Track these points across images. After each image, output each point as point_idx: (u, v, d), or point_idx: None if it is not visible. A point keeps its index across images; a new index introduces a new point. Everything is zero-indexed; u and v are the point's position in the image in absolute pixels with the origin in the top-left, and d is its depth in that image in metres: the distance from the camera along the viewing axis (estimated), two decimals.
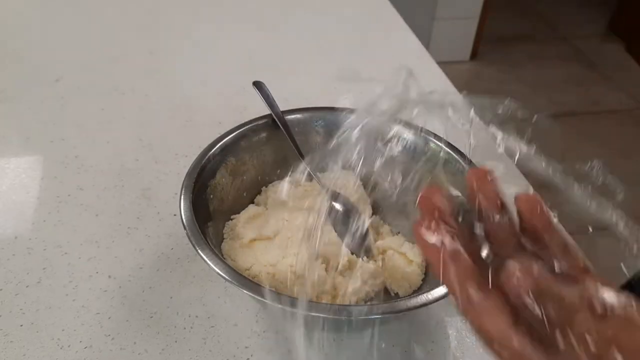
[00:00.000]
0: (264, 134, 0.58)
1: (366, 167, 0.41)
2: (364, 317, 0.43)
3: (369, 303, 0.54)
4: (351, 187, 0.58)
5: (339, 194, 0.56)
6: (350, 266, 0.52)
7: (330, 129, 0.60)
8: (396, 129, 0.46)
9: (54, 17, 0.98)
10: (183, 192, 0.50)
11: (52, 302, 0.54)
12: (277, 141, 0.59)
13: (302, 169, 0.60)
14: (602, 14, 2.85)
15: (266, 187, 0.60)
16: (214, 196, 0.53)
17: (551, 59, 2.55)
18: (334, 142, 0.40)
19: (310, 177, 0.61)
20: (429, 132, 0.57)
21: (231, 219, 0.55)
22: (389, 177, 0.49)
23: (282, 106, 0.61)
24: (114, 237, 0.60)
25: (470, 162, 0.54)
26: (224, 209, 0.55)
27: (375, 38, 0.98)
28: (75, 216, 0.62)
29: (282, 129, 0.58)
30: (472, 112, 0.38)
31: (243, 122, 0.58)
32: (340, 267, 0.52)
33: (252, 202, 0.59)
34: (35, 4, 1.01)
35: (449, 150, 0.55)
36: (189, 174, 0.51)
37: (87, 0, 1.04)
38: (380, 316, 0.44)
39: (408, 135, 0.56)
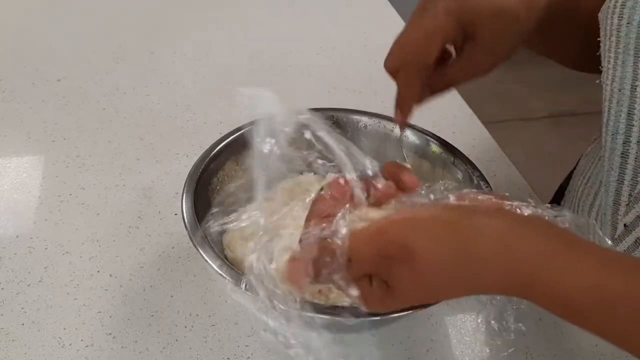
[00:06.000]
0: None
1: None
2: (357, 320, 0.44)
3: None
4: None
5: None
6: None
7: (340, 129, 0.60)
8: None
9: (55, 17, 0.98)
10: (186, 184, 0.50)
11: (54, 300, 0.54)
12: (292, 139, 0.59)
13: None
14: None
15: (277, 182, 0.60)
16: (221, 187, 0.54)
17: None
18: None
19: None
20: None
21: (237, 211, 0.56)
22: None
23: None
24: (115, 236, 0.60)
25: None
26: (231, 200, 0.55)
27: (375, 38, 0.99)
28: (77, 215, 0.63)
29: None
30: None
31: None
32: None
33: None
34: (37, 4, 1.01)
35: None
36: (196, 164, 0.52)
37: (88, 0, 1.04)
38: (376, 318, 0.44)
39: None
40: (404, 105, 0.50)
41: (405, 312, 0.43)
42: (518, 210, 0.37)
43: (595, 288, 0.32)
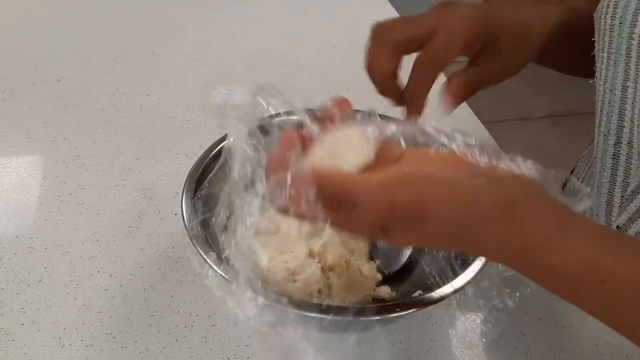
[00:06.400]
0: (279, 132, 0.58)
1: None
2: (358, 319, 0.44)
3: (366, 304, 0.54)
4: None
5: None
6: (347, 267, 0.53)
7: None
8: None
9: (55, 17, 0.98)
10: (186, 184, 0.50)
11: (53, 300, 0.54)
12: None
13: None
14: None
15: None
16: (221, 187, 0.54)
17: None
18: None
19: None
20: None
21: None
22: None
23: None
24: (115, 236, 0.61)
25: None
26: (231, 199, 0.55)
27: None
28: (77, 215, 0.63)
29: None
30: None
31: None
32: (337, 267, 0.52)
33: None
34: (37, 4, 1.01)
35: None
36: (196, 164, 0.52)
37: (88, 0, 1.04)
38: (376, 318, 0.44)
39: None
40: (415, 101, 0.49)
41: (405, 312, 0.44)
42: (517, 166, 0.36)
43: (594, 265, 0.32)
